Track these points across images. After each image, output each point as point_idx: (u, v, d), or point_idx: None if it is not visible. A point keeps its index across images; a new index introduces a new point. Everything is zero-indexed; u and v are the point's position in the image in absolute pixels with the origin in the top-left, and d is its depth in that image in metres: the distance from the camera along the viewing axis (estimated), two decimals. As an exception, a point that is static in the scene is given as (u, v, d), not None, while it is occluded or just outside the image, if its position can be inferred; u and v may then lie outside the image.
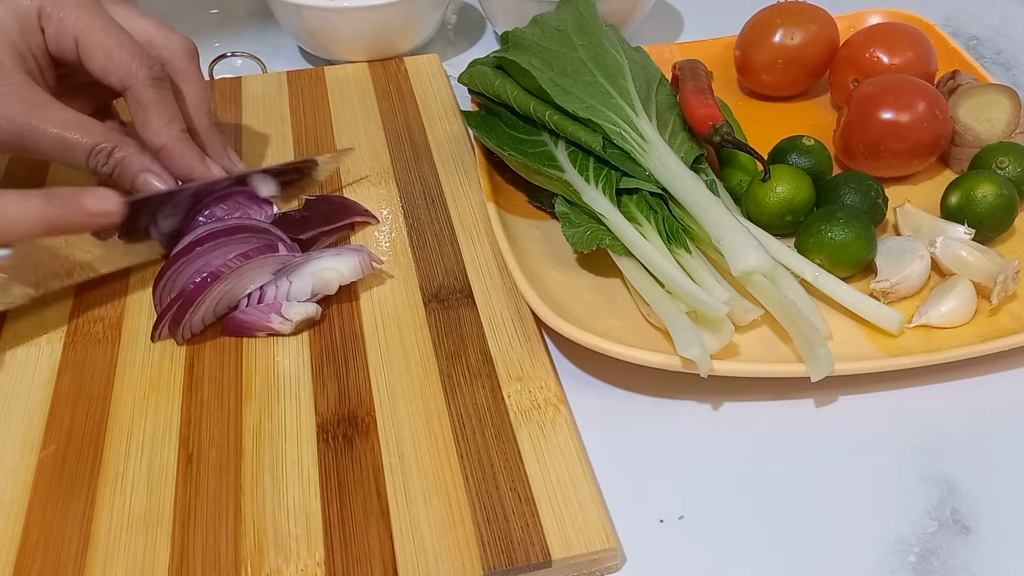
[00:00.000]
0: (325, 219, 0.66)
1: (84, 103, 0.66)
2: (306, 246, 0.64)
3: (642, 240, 0.60)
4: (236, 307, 0.59)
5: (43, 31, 0.61)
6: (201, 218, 0.63)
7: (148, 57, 0.62)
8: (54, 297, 0.62)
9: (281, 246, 0.60)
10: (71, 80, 0.65)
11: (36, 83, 0.60)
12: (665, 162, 0.62)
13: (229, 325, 0.59)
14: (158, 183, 0.61)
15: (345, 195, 0.71)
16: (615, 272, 0.62)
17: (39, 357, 0.58)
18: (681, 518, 0.51)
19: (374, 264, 0.62)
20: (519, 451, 0.52)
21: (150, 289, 0.61)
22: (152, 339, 0.58)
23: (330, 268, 0.60)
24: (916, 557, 0.49)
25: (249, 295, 0.59)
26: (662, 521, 0.51)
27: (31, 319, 0.60)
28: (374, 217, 0.68)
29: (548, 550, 0.47)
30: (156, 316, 0.59)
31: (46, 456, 0.52)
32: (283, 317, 0.58)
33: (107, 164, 0.60)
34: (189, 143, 0.64)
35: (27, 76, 0.60)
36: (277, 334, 0.59)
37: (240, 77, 0.84)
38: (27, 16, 0.60)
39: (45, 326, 0.60)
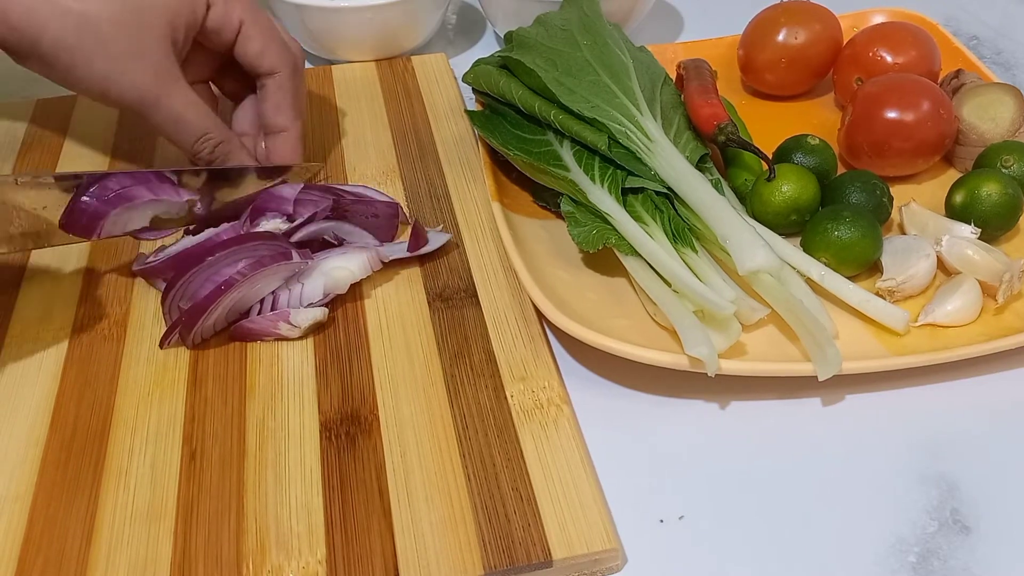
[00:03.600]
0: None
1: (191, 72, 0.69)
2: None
3: (648, 239, 0.60)
4: (247, 313, 0.59)
5: (208, 7, 0.65)
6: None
7: (291, 47, 0.69)
8: (60, 292, 0.62)
9: (294, 253, 0.60)
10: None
11: (174, 55, 0.64)
12: (670, 161, 0.62)
13: (237, 332, 0.59)
14: None
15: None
16: (621, 271, 0.62)
17: (44, 353, 0.58)
18: (681, 518, 0.51)
19: (381, 260, 0.62)
20: (521, 451, 0.52)
21: (156, 284, 0.62)
22: (161, 346, 0.58)
23: (340, 267, 0.61)
24: (916, 557, 0.49)
25: (262, 300, 0.59)
26: (662, 521, 0.51)
27: (37, 314, 0.61)
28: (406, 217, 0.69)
29: (549, 550, 0.47)
30: (165, 324, 0.59)
31: (51, 451, 0.52)
32: (291, 324, 0.58)
33: (212, 152, 0.66)
34: (302, 138, 0.70)
35: (171, 47, 0.63)
36: (285, 339, 0.59)
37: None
38: None
39: (51, 322, 0.60)
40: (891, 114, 0.68)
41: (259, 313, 0.59)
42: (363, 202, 0.66)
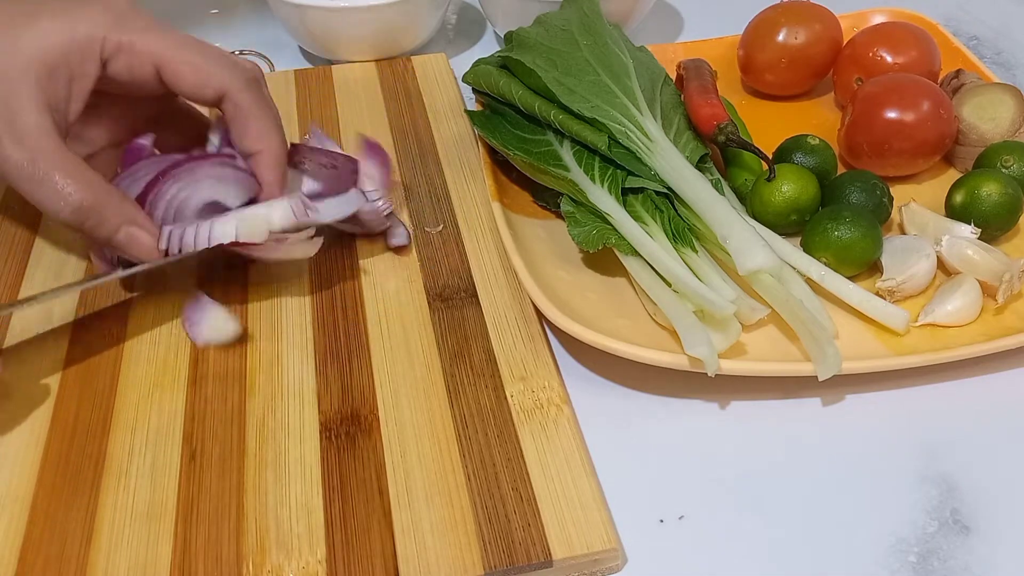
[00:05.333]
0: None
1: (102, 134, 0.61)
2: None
3: (648, 239, 0.60)
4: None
5: (105, 62, 0.56)
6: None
7: (238, 62, 0.59)
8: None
9: (239, 160, 0.59)
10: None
11: (49, 120, 0.54)
12: (670, 161, 0.62)
13: None
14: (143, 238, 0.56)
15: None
16: (621, 271, 0.62)
17: (45, 351, 0.58)
18: (681, 518, 0.51)
19: (308, 211, 0.58)
20: (521, 451, 0.52)
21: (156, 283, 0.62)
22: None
23: (257, 215, 0.58)
24: (916, 557, 0.49)
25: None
26: (662, 521, 0.51)
27: (37, 314, 0.61)
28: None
29: (549, 550, 0.47)
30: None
31: (51, 451, 0.52)
32: None
33: (84, 224, 0.54)
34: (284, 158, 0.60)
35: (44, 112, 0.53)
36: None
37: (247, 76, 0.85)
38: (84, 46, 0.55)
39: (51, 320, 0.60)
40: (891, 114, 0.68)
41: None
42: (321, 152, 0.64)
